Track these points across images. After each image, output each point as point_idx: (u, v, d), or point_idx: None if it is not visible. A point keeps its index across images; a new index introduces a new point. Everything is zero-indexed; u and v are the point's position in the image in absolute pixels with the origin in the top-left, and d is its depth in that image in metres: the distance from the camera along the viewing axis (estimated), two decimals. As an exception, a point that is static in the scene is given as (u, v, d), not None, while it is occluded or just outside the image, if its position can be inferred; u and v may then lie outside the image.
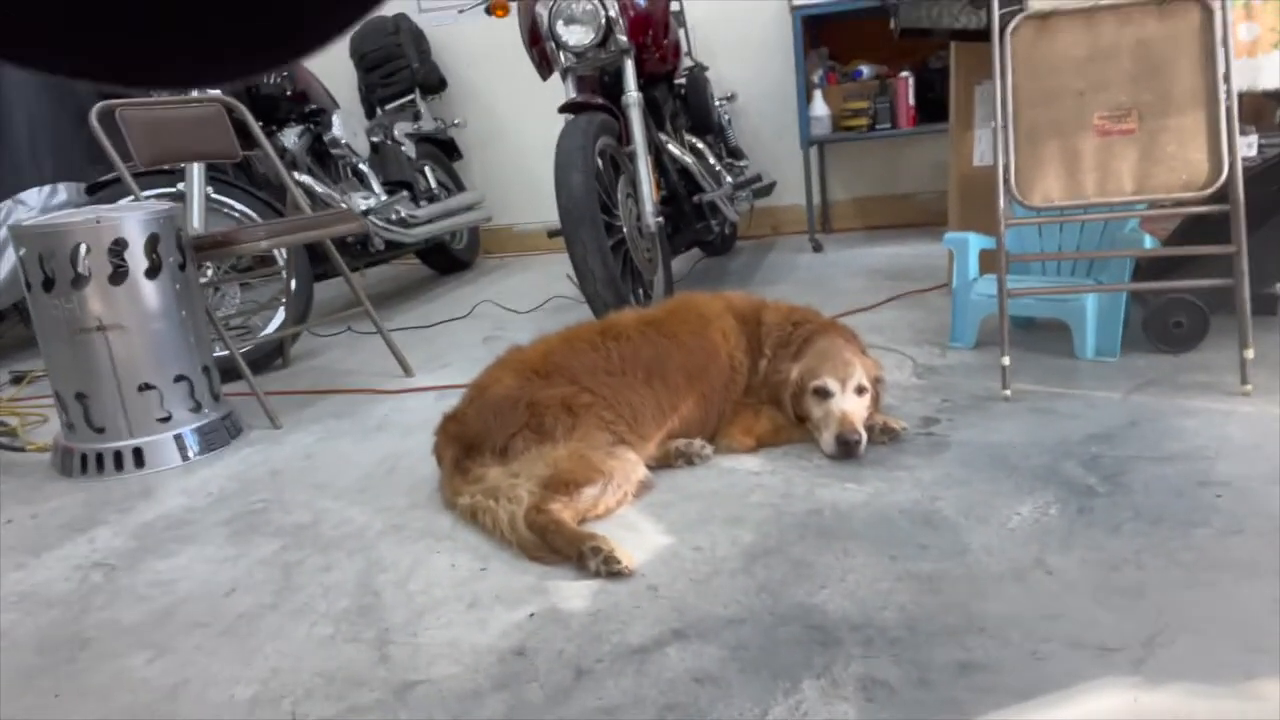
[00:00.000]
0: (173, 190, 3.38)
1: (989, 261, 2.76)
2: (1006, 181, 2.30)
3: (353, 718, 1.32)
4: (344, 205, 4.13)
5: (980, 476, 1.88)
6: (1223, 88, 2.14)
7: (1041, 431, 2.07)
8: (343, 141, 4.39)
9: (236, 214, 3.53)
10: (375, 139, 4.88)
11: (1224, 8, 2.13)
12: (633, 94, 3.33)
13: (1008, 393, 2.30)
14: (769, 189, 4.71)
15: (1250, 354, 2.13)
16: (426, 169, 5.32)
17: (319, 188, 4.13)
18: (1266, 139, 3.64)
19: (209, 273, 3.59)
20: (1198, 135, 2.17)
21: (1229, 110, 2.14)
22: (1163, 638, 1.28)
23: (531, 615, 1.54)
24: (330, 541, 1.93)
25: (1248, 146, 2.80)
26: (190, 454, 2.58)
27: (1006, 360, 2.30)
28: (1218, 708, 1.13)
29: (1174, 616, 1.32)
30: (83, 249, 2.43)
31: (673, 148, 3.81)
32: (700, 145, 4.16)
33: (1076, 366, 2.51)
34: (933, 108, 4.77)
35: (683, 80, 4.27)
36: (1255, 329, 2.15)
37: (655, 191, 3.38)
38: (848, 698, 1.23)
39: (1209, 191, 2.16)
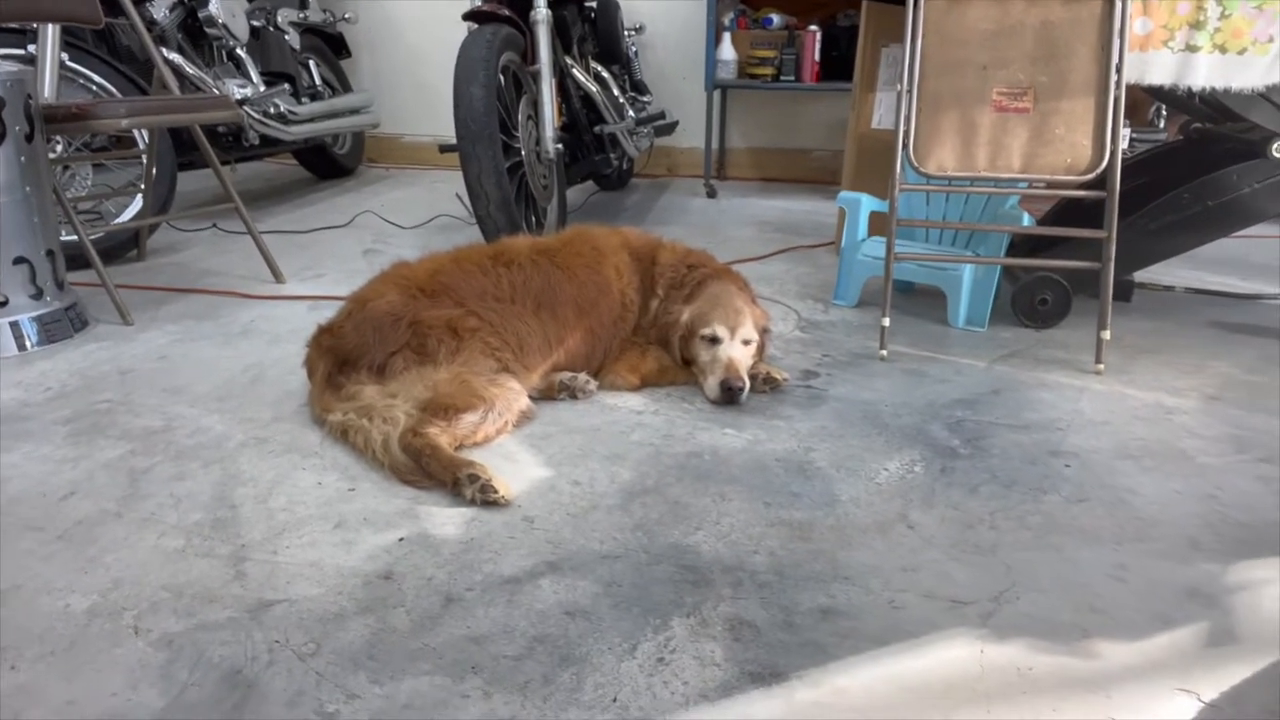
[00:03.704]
0: (21, 52, 3.03)
1: (877, 224, 2.83)
2: (905, 147, 2.34)
3: (202, 635, 1.25)
4: (217, 91, 3.83)
5: (853, 431, 1.94)
6: (1114, 77, 2.23)
7: (912, 392, 2.15)
8: (220, 21, 4.04)
9: (94, 86, 3.22)
10: (256, 24, 4.52)
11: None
12: (542, 10, 3.19)
13: (884, 353, 2.37)
14: (671, 128, 4.65)
15: (1107, 335, 2.26)
16: (311, 63, 4.98)
17: (190, 69, 3.80)
18: (1139, 134, 3.86)
19: (58, 148, 3.27)
20: (1086, 121, 2.26)
21: (1117, 100, 2.24)
22: (1009, 595, 1.36)
23: (401, 540, 1.49)
24: (184, 450, 1.82)
25: (1122, 139, 2.94)
26: (28, 344, 2.37)
27: (887, 321, 2.37)
28: (1057, 663, 1.21)
29: (1021, 575, 1.41)
30: (-91, 104, 2.16)
31: (578, 73, 3.70)
32: (606, 75, 4.05)
33: (948, 333, 2.61)
34: (836, 66, 4.80)
35: (594, 4, 4.13)
36: (1112, 313, 2.28)
37: (557, 116, 3.28)
38: (715, 636, 1.25)
39: (1089, 177, 2.26)
